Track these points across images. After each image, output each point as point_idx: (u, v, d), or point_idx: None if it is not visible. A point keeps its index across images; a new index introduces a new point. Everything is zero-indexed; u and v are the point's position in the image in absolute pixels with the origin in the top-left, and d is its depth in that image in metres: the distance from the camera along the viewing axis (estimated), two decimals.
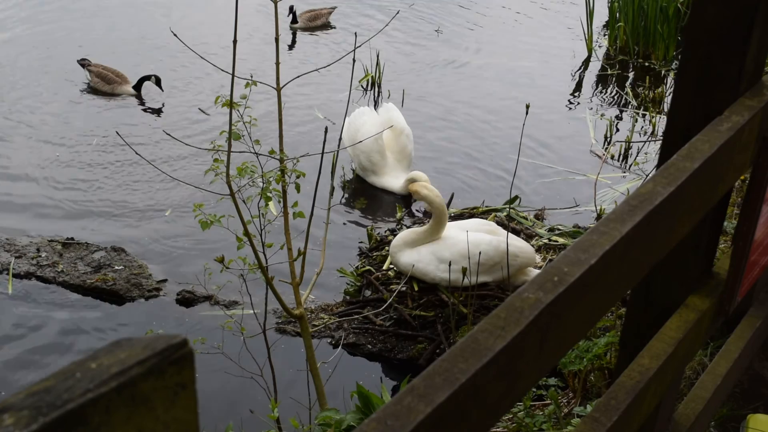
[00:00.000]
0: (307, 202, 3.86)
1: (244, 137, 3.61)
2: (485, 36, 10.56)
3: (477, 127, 8.04)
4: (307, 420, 3.81)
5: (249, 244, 3.64)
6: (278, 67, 3.72)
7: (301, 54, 9.57)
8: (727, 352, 2.87)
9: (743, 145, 1.95)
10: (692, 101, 2.05)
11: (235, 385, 4.44)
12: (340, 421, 3.15)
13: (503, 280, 5.16)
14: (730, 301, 2.24)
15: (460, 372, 1.06)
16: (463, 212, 6.23)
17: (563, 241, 5.79)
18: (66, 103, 8.08)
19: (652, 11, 9.59)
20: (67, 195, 6.55)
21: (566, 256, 1.34)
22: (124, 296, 5.42)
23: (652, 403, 2.03)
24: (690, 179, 1.65)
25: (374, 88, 8.63)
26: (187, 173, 6.72)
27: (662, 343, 2.01)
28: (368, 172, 6.83)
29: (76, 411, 0.60)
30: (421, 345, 5.02)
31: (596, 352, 3.81)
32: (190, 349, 0.69)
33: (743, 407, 3.35)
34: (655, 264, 1.70)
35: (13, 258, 5.67)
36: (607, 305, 1.55)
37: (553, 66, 9.64)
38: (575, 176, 7.15)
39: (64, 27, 9.92)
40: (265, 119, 7.19)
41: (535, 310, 1.20)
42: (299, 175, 3.69)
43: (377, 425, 0.97)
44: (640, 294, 2.31)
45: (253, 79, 3.57)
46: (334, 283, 5.59)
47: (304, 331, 3.93)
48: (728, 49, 1.97)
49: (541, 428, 3.44)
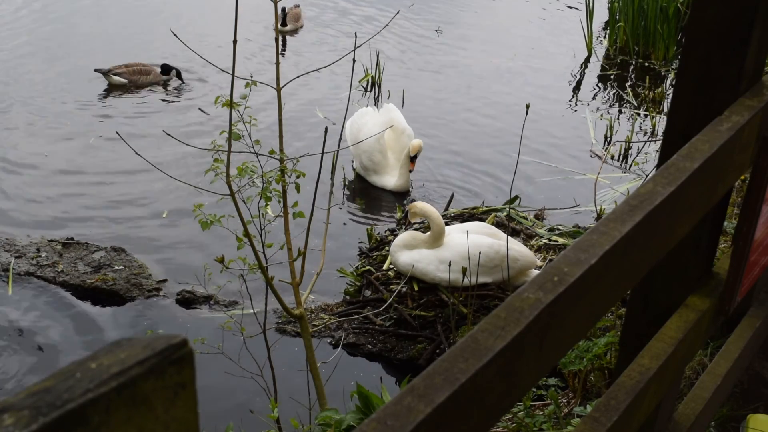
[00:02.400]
0: (307, 202, 3.86)
1: (243, 137, 3.61)
2: (485, 36, 10.56)
3: (477, 127, 8.04)
4: (307, 420, 3.80)
5: (249, 244, 3.64)
6: (278, 67, 3.72)
7: (301, 54, 9.56)
8: (727, 352, 2.86)
9: (743, 145, 1.95)
10: (692, 101, 2.05)
11: (235, 385, 4.44)
12: (340, 421, 3.15)
13: (503, 281, 5.16)
14: (730, 301, 2.24)
15: (460, 372, 1.06)
16: (463, 212, 6.23)
17: (563, 241, 5.79)
18: (66, 103, 8.08)
19: (652, 11, 9.59)
20: (67, 195, 6.55)
21: (566, 256, 1.34)
22: (124, 296, 5.42)
23: (652, 403, 2.03)
24: (690, 179, 1.65)
25: (374, 88, 8.63)
26: (187, 173, 6.72)
27: (662, 343, 2.01)
28: (369, 171, 6.83)
29: (76, 411, 0.60)
30: (421, 345, 5.02)
31: (596, 352, 3.81)
32: (190, 349, 0.69)
33: (743, 407, 3.35)
34: (655, 264, 1.70)
35: (13, 258, 5.67)
36: (607, 305, 1.55)
37: (553, 66, 9.64)
38: (575, 176, 7.15)
39: (62, 27, 9.93)
40: (265, 119, 7.20)
41: (535, 310, 1.20)
42: (299, 175, 3.69)
43: (377, 425, 0.97)
44: (640, 294, 2.31)
45: (253, 79, 3.57)
46: (334, 283, 5.59)
47: (304, 331, 3.93)
48: (728, 49, 1.97)
49: (541, 428, 3.44)
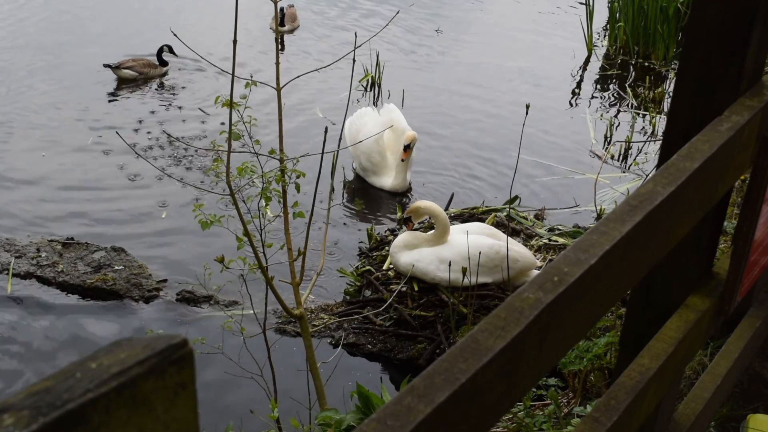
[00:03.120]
0: (307, 202, 3.86)
1: (243, 137, 3.61)
2: (485, 36, 10.56)
3: (477, 127, 8.04)
4: (307, 420, 3.80)
5: (249, 244, 3.64)
6: (278, 67, 3.72)
7: (302, 54, 9.56)
8: (727, 352, 2.87)
9: (743, 145, 1.95)
10: (692, 101, 2.05)
11: (235, 385, 4.44)
12: (340, 421, 3.15)
13: (503, 281, 5.16)
14: (730, 301, 2.24)
15: (460, 372, 1.06)
16: (463, 212, 6.22)
17: (563, 241, 5.78)
18: (65, 103, 8.08)
19: (652, 11, 9.59)
20: (67, 195, 6.55)
21: (566, 256, 1.34)
22: (124, 296, 5.41)
23: (652, 403, 2.03)
24: (690, 179, 1.65)
25: (374, 88, 8.63)
26: (187, 173, 6.73)
27: (662, 343, 2.01)
28: (368, 172, 6.83)
29: (76, 411, 0.60)
30: (421, 345, 5.02)
31: (596, 352, 3.81)
32: (190, 349, 0.69)
33: (743, 407, 3.35)
34: (655, 264, 1.70)
35: (13, 258, 5.67)
36: (607, 305, 1.55)
37: (553, 66, 9.64)
38: (575, 176, 7.15)
39: (59, 27, 9.93)
40: (266, 119, 7.20)
41: (535, 310, 1.20)
42: (299, 175, 3.69)
43: (377, 425, 0.97)
44: (640, 294, 2.31)
45: (253, 79, 3.57)
46: (334, 283, 5.59)
47: (304, 331, 3.92)
48: (728, 49, 1.97)
49: (541, 428, 3.44)
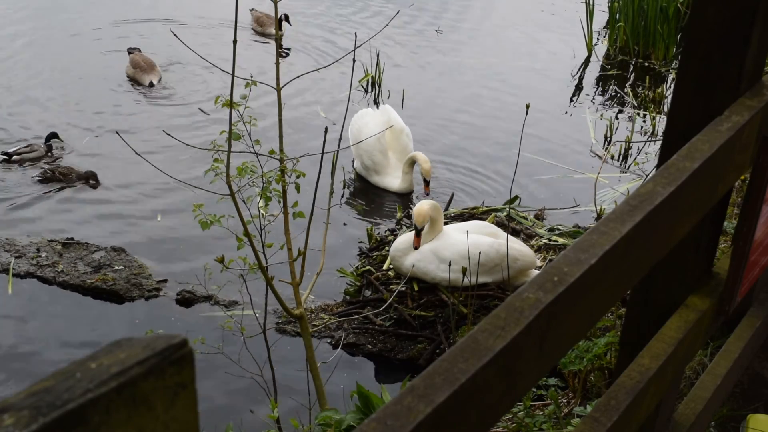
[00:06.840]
0: (307, 202, 3.86)
1: (244, 137, 3.61)
2: (485, 36, 10.56)
3: (477, 127, 8.04)
4: (307, 420, 3.81)
5: (249, 244, 3.64)
6: (278, 67, 3.72)
7: (302, 54, 9.56)
8: (727, 352, 2.86)
9: (743, 145, 1.95)
10: (692, 101, 2.05)
11: (235, 385, 4.44)
12: (340, 421, 3.15)
13: (503, 281, 5.16)
14: (730, 301, 2.24)
15: (460, 372, 1.06)
16: (463, 212, 6.23)
17: (563, 241, 5.78)
18: (65, 102, 8.08)
19: (652, 11, 9.59)
20: (67, 195, 6.54)
21: (566, 256, 1.34)
22: (124, 296, 5.42)
23: (652, 403, 2.03)
24: (690, 179, 1.65)
25: (374, 88, 8.63)
26: (187, 173, 6.72)
27: (662, 343, 2.01)
28: (370, 171, 6.83)
29: (76, 411, 0.60)
30: (421, 345, 5.02)
31: (596, 352, 3.81)
32: (190, 349, 0.69)
33: (743, 407, 3.35)
34: (655, 264, 1.70)
35: (13, 258, 5.67)
36: (607, 305, 1.55)
37: (553, 66, 9.64)
38: (575, 176, 7.15)
39: (57, 25, 9.93)
40: (266, 119, 7.19)
41: (535, 310, 1.20)
42: (299, 175, 3.69)
43: (377, 425, 0.97)
44: (640, 294, 2.31)
45: (253, 79, 3.57)
46: (334, 283, 5.59)
47: (304, 331, 3.92)
48: (728, 49, 1.97)
49: (541, 428, 3.44)
